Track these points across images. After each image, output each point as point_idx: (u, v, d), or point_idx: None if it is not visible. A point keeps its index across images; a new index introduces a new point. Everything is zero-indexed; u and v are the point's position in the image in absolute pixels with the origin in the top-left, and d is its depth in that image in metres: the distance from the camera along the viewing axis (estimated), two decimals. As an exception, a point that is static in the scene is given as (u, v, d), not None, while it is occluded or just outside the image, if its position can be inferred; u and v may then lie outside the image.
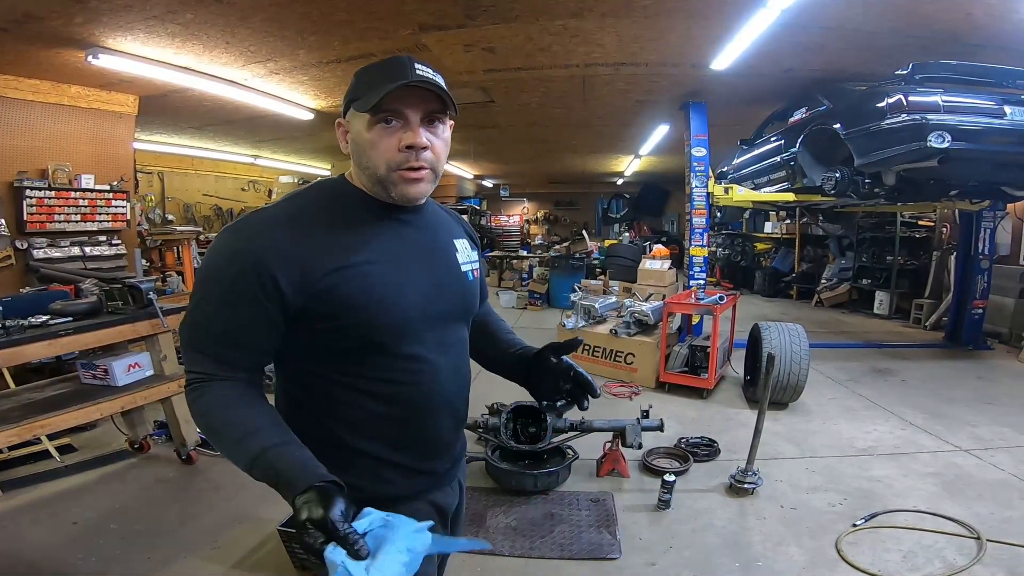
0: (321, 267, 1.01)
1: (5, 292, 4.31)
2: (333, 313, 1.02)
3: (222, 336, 1.02)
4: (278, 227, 1.03)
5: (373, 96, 1.01)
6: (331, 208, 1.09)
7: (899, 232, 8.73)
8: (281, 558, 2.53)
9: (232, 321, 1.01)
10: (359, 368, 1.07)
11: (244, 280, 0.99)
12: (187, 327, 1.06)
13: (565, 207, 20.26)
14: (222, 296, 1.01)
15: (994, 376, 5.67)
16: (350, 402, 1.09)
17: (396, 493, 1.13)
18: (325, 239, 1.04)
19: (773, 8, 3.68)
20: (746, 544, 2.77)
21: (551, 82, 5.78)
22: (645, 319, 5.50)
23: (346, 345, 1.06)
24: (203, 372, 1.03)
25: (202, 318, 1.04)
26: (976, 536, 2.75)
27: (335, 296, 1.02)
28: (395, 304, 1.07)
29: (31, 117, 5.04)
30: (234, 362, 1.04)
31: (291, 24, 4.10)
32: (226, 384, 1.02)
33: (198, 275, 1.08)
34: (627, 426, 3.42)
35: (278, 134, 8.40)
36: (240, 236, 1.03)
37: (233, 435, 0.98)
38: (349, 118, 1.10)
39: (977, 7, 3.71)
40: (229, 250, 1.02)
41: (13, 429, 2.70)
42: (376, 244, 1.08)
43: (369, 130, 1.05)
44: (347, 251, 1.04)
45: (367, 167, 1.08)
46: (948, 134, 3.80)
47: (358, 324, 1.04)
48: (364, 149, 1.07)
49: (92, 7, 3.60)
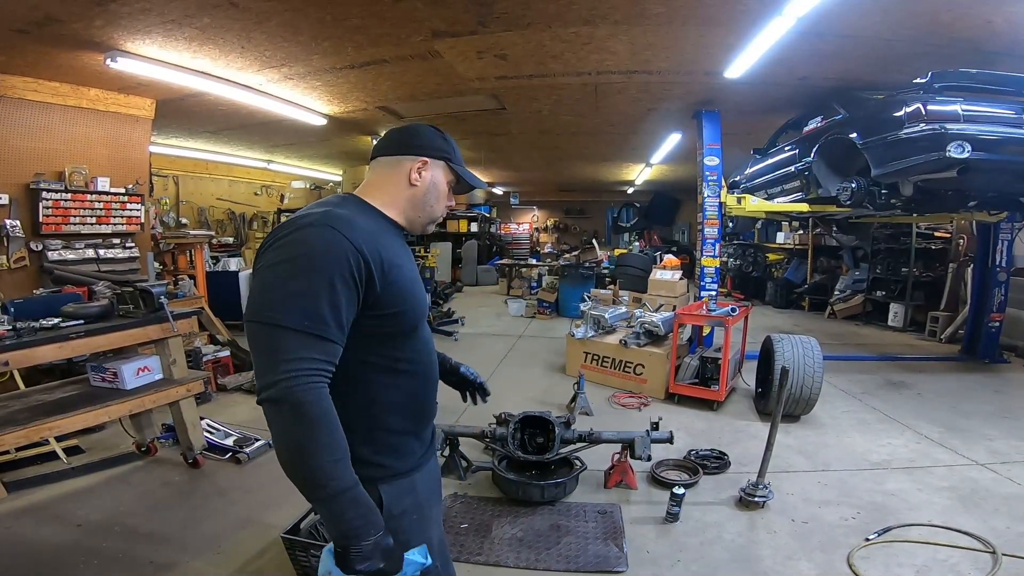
0: (391, 260, 1.19)
1: (19, 293, 4.36)
2: (395, 301, 1.20)
3: (335, 319, 1.09)
4: (358, 224, 1.17)
5: (470, 179, 1.42)
6: (373, 218, 1.28)
7: (915, 243, 8.61)
8: (284, 565, 2.51)
9: (340, 304, 1.09)
10: (398, 350, 1.26)
11: (347, 264, 1.09)
12: (291, 312, 1.05)
13: (575, 215, 20.25)
14: (331, 280, 1.08)
15: (1011, 389, 5.56)
16: (387, 384, 1.25)
17: (412, 465, 1.32)
18: (386, 239, 1.24)
19: (788, 16, 3.65)
20: (755, 558, 2.71)
21: (563, 89, 5.77)
22: (655, 330, 5.45)
23: (391, 330, 1.23)
24: (317, 359, 1.06)
25: (313, 302, 1.06)
26: (992, 550, 2.70)
27: (397, 287, 1.20)
28: (418, 297, 1.29)
29: (50, 119, 5.09)
30: (340, 344, 1.12)
31: (306, 29, 4.13)
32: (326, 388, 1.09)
33: (289, 265, 1.09)
34: (636, 438, 3.38)
35: (291, 139, 8.46)
36: (332, 228, 1.12)
37: (337, 456, 1.06)
38: (437, 165, 1.35)
39: (998, 15, 3.66)
40: (325, 238, 1.10)
41: (21, 431, 2.72)
42: (402, 253, 1.30)
43: (447, 187, 1.39)
44: (394, 254, 1.23)
45: (431, 207, 1.37)
46: (968, 144, 3.73)
47: (407, 310, 1.23)
48: (438, 197, 1.37)
49: (112, 10, 3.64)
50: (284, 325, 1.05)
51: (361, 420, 1.21)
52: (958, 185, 4.32)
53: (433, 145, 1.34)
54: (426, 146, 1.34)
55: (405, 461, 1.30)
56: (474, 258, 14.45)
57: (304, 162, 11.21)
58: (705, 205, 6.27)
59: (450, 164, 1.37)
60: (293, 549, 2.43)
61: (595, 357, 5.67)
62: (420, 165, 1.32)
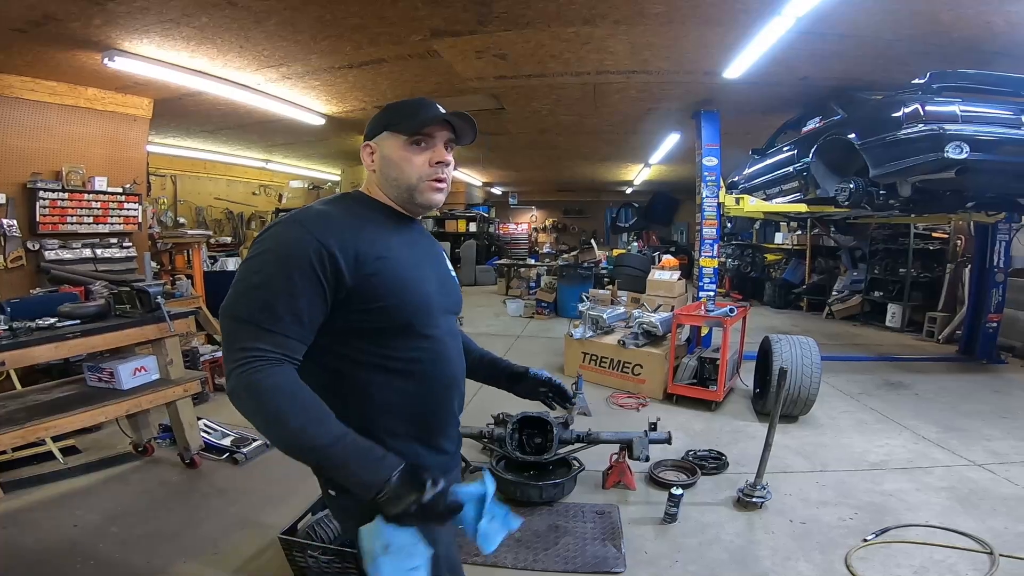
0: (370, 254, 1.17)
1: (16, 293, 4.34)
2: (377, 295, 1.17)
3: (289, 313, 1.09)
4: (333, 219, 1.18)
5: (418, 122, 1.24)
6: (365, 212, 1.27)
7: (912, 244, 8.63)
8: (282, 565, 2.50)
9: (297, 299, 1.09)
10: (388, 348, 1.21)
11: (308, 261, 1.09)
12: (242, 307, 1.10)
13: (574, 215, 20.26)
14: (289, 275, 1.09)
15: (1009, 390, 5.57)
16: (380, 383, 1.21)
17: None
18: (368, 233, 1.20)
19: (788, 16, 3.65)
20: (754, 559, 2.71)
21: (562, 89, 5.77)
22: (654, 330, 5.45)
23: (380, 326, 1.19)
24: (265, 350, 1.06)
25: (267, 296, 1.09)
26: (989, 551, 2.70)
27: (379, 280, 1.17)
28: (420, 290, 1.25)
29: (47, 119, 5.08)
30: (300, 339, 1.11)
31: (304, 28, 4.12)
32: (289, 368, 1.09)
33: (256, 260, 1.13)
34: (634, 438, 3.38)
35: (289, 139, 8.44)
36: (301, 225, 1.14)
37: (311, 416, 1.05)
38: (379, 141, 1.29)
39: (997, 15, 3.66)
40: (291, 236, 1.13)
41: (18, 431, 2.71)
42: (398, 243, 1.26)
43: (405, 148, 1.26)
44: (383, 246, 1.21)
45: (398, 179, 1.27)
46: (966, 144, 3.73)
47: (395, 305, 1.19)
48: (397, 164, 1.26)
49: (110, 9, 3.63)
50: (238, 317, 1.10)
51: (359, 421, 1.15)
52: (956, 186, 4.32)
53: (373, 128, 1.31)
54: (368, 132, 1.33)
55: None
56: (472, 258, 14.44)
57: (302, 162, 11.19)
58: (703, 205, 6.27)
59: (392, 130, 1.27)
60: (291, 549, 2.42)
61: (593, 357, 5.66)
62: (367, 153, 1.32)
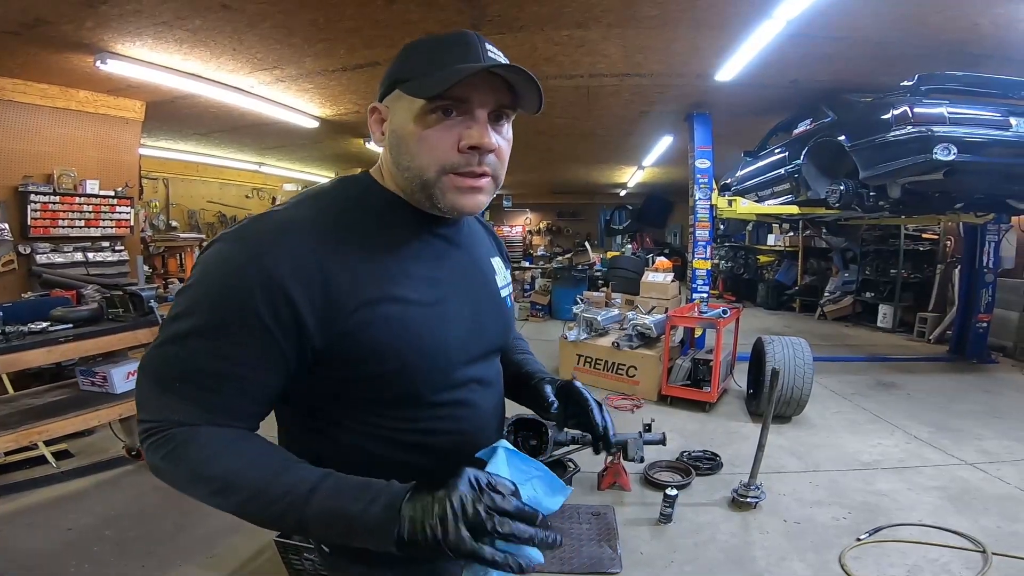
0: (352, 296, 0.79)
1: (7, 297, 4.31)
2: (360, 358, 0.80)
3: (215, 379, 0.76)
4: (298, 237, 0.78)
5: (437, 79, 0.77)
6: (361, 216, 0.86)
7: (903, 245, 8.70)
8: (278, 569, 2.49)
9: (231, 360, 0.75)
10: (394, 420, 0.87)
11: (250, 304, 0.74)
12: (156, 364, 0.78)
13: (568, 218, 20.26)
14: (219, 325, 0.75)
15: (999, 389, 5.62)
16: (387, 457, 0.86)
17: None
18: (356, 258, 0.81)
19: (779, 19, 3.69)
20: (749, 559, 2.73)
21: (556, 92, 5.78)
22: (648, 332, 5.47)
23: (374, 396, 0.85)
24: (170, 418, 0.76)
25: (186, 353, 0.76)
26: (982, 550, 2.72)
27: (365, 338, 0.80)
28: (435, 348, 0.86)
29: (39, 121, 5.06)
30: (224, 410, 0.77)
31: (298, 31, 4.12)
32: (215, 428, 0.77)
33: (184, 296, 0.79)
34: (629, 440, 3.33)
35: (283, 142, 8.42)
36: (246, 246, 0.77)
37: (260, 476, 0.74)
38: (389, 102, 0.86)
39: (984, 17, 3.71)
40: (231, 264, 0.76)
41: (10, 435, 2.69)
42: (414, 269, 0.87)
43: (419, 120, 0.81)
44: (382, 278, 0.82)
45: (409, 167, 0.84)
46: (954, 146, 3.78)
47: (395, 371, 0.83)
48: (409, 144, 0.83)
49: (102, 12, 3.62)
50: (155, 376, 0.78)
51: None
52: (945, 187, 4.38)
53: (386, 79, 0.86)
54: (381, 87, 0.88)
55: None
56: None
57: (296, 165, 11.16)
58: (697, 207, 6.31)
59: (404, 89, 0.82)
60: (287, 553, 2.41)
61: (588, 359, 5.67)
62: (375, 120, 0.90)
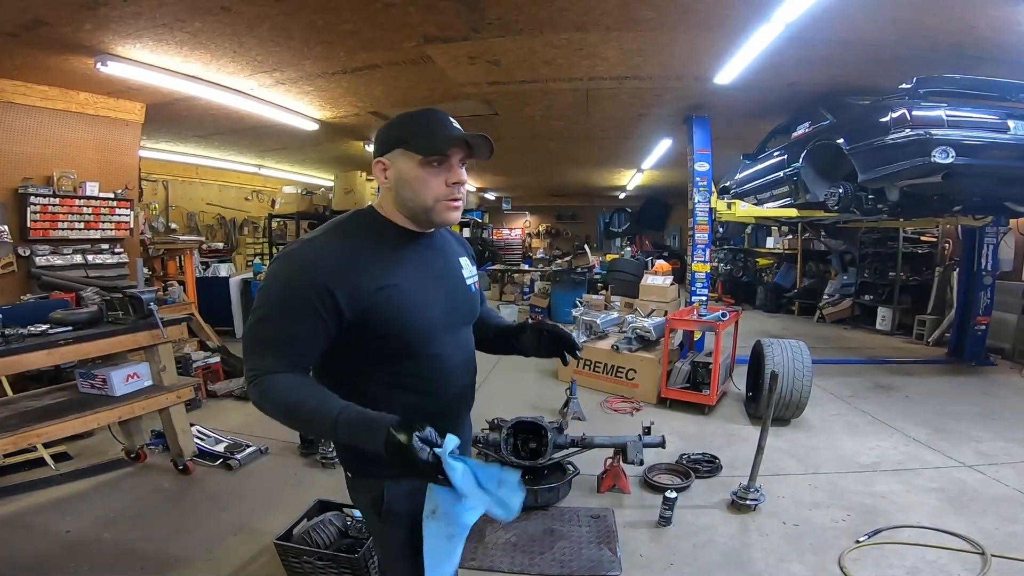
0: (369, 287, 1.23)
1: (6, 299, 4.31)
2: (376, 325, 1.25)
3: (283, 344, 1.22)
4: (333, 252, 1.24)
5: (437, 145, 1.24)
6: (371, 236, 1.30)
7: (902, 248, 8.71)
8: (277, 571, 2.50)
9: (293, 332, 1.21)
10: (395, 368, 1.31)
11: (305, 297, 1.18)
12: (251, 337, 1.25)
13: (567, 220, 20.30)
14: (286, 312, 1.21)
15: (998, 392, 5.63)
16: (389, 398, 1.27)
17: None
18: (369, 263, 1.26)
19: (777, 22, 3.70)
20: (748, 561, 2.73)
21: (554, 95, 5.81)
22: (647, 335, 5.48)
23: (385, 350, 1.29)
24: (264, 369, 1.21)
25: (266, 330, 1.23)
26: (981, 551, 2.72)
27: (379, 312, 1.24)
28: (422, 317, 1.31)
29: (39, 123, 5.05)
30: (294, 362, 1.23)
31: (297, 34, 4.13)
32: (288, 375, 1.21)
33: (262, 293, 1.25)
34: (628, 442, 3.39)
35: (283, 144, 8.44)
36: (301, 260, 1.23)
37: (312, 404, 1.18)
38: (392, 158, 1.29)
39: (981, 20, 3.73)
40: (290, 271, 1.23)
41: (9, 437, 2.69)
42: (406, 266, 1.31)
43: (419, 169, 1.26)
44: (386, 273, 1.26)
45: (412, 199, 1.29)
46: (952, 149, 3.79)
47: (395, 333, 1.27)
48: (412, 185, 1.27)
49: (102, 14, 3.63)
50: (249, 343, 1.26)
51: None
52: (943, 190, 4.38)
53: (386, 141, 1.30)
54: (380, 146, 1.31)
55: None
56: (466, 263, 14.42)
57: (296, 167, 11.17)
58: (696, 210, 6.32)
59: (406, 149, 1.26)
60: (286, 555, 2.42)
61: (587, 362, 5.67)
62: (379, 169, 1.32)
